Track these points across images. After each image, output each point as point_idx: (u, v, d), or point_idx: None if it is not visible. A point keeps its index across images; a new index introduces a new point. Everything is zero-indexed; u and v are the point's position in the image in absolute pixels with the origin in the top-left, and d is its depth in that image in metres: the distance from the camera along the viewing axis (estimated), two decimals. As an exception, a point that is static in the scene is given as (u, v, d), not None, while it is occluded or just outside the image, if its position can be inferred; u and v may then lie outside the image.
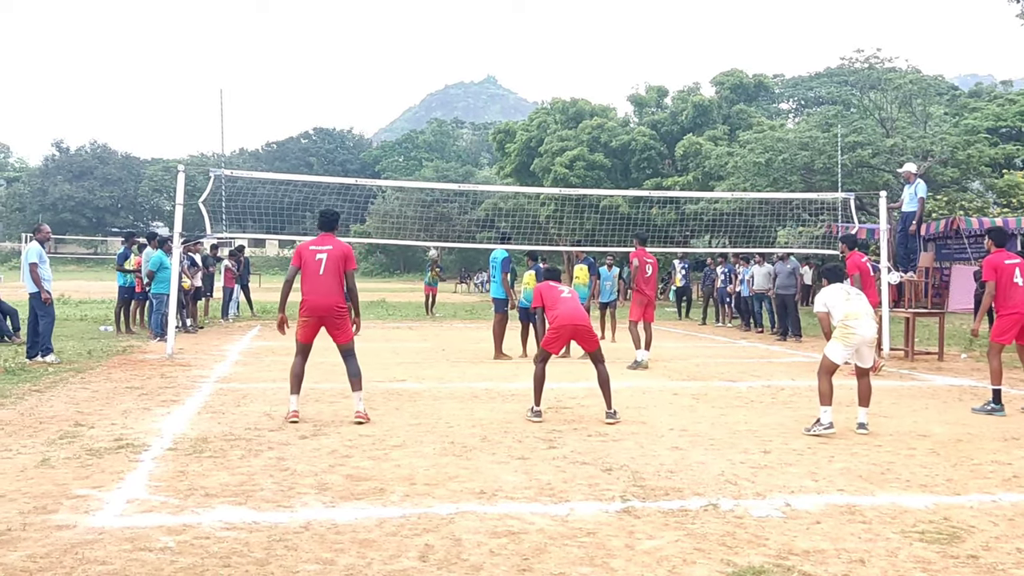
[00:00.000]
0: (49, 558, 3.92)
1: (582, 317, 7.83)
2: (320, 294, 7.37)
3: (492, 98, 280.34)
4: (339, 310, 7.42)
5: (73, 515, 4.56)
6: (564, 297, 7.93)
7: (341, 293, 7.44)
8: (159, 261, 14.67)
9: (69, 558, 3.92)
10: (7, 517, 4.49)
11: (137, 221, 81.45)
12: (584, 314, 7.98)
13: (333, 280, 7.39)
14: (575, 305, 7.88)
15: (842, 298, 7.39)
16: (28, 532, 4.27)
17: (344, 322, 7.47)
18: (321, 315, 7.39)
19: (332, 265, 7.39)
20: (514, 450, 6.33)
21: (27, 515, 4.53)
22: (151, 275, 14.68)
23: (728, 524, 4.56)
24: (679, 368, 11.80)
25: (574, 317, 7.75)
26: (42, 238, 11.99)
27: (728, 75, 37.92)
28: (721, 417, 7.91)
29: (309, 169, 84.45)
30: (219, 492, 5.05)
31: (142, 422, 7.19)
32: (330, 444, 6.45)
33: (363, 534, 4.34)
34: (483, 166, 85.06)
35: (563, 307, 7.81)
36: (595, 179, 34.31)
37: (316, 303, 7.38)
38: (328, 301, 7.37)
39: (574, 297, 8.00)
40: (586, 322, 7.85)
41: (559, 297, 7.92)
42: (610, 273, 16.61)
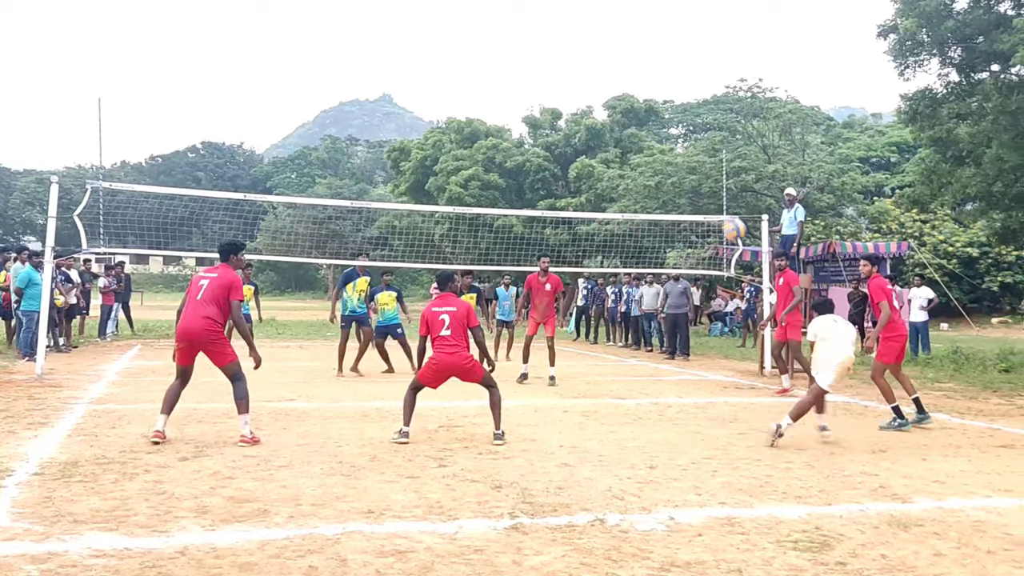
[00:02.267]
0: None
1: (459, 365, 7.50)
2: (189, 319, 7.23)
3: (388, 116, 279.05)
4: (208, 333, 7.19)
5: (-75, 545, 4.25)
6: (443, 336, 7.49)
7: (215, 318, 7.24)
8: (27, 277, 13.96)
9: (-82, 592, 3.66)
10: None
11: (8, 235, 77.26)
12: (463, 359, 7.52)
13: (207, 306, 7.22)
14: (453, 350, 7.48)
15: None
16: None
17: (217, 345, 7.27)
18: (190, 339, 7.22)
19: (211, 292, 7.25)
20: (404, 469, 6.26)
21: None
22: (19, 292, 13.95)
23: (614, 538, 4.62)
24: (570, 386, 11.93)
25: (451, 364, 7.49)
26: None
27: (620, 99, 38.82)
28: (610, 434, 8.02)
29: (197, 184, 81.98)
30: (89, 518, 4.80)
31: (6, 446, 6.78)
32: (212, 466, 6.23)
33: (244, 557, 4.19)
34: (378, 184, 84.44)
35: (440, 353, 7.50)
36: (490, 199, 34.53)
37: (184, 327, 7.26)
38: (196, 325, 7.17)
39: (454, 335, 7.50)
40: (464, 363, 7.51)
41: (439, 335, 7.51)
42: (507, 293, 16.70)
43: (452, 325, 7.49)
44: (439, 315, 7.55)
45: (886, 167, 38.59)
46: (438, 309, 7.59)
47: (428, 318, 7.59)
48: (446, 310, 7.56)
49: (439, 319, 7.53)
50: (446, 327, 7.48)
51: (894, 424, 8.62)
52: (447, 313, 7.53)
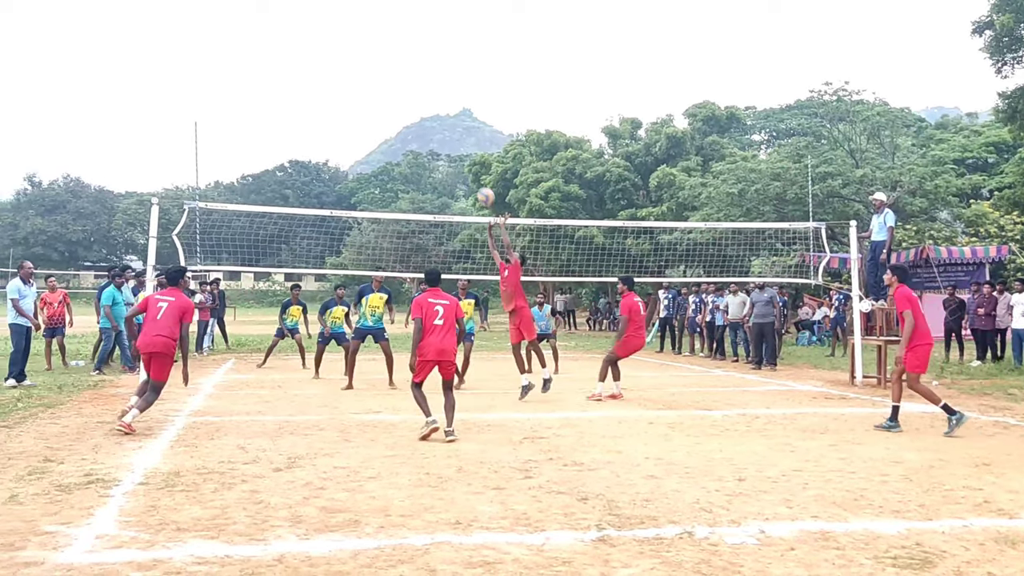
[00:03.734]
0: (16, 595, 3.85)
1: (447, 351, 8.26)
2: (149, 334, 8.54)
3: (468, 131, 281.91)
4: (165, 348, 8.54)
5: (41, 552, 4.49)
6: (436, 324, 8.22)
7: (172, 336, 8.56)
8: (111, 296, 14.64)
9: (37, 595, 3.86)
10: (-27, 554, 4.41)
11: (111, 255, 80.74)
12: (451, 346, 8.34)
13: (166, 324, 8.53)
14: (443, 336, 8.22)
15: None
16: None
17: (162, 361, 8.56)
18: (149, 352, 8.56)
19: (170, 313, 8.57)
20: (490, 480, 6.31)
21: (-6, 552, 4.46)
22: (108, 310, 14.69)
23: (703, 551, 4.57)
24: (654, 397, 11.83)
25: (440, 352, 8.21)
26: (24, 275, 13.09)
27: (701, 107, 38.43)
28: (696, 445, 7.93)
29: (285, 202, 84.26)
30: (191, 526, 4.99)
31: (113, 457, 7.10)
32: (304, 476, 6.40)
33: (337, 566, 4.30)
34: (459, 198, 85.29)
35: (432, 338, 8.19)
36: (570, 210, 34.52)
37: (143, 340, 8.60)
38: (156, 341, 8.52)
39: (447, 324, 8.25)
40: (450, 356, 8.32)
41: (432, 324, 8.21)
42: (542, 313, 16.57)
43: (445, 316, 8.29)
44: (434, 306, 8.31)
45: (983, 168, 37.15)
46: (434, 300, 8.37)
47: (424, 307, 8.29)
48: (440, 302, 8.36)
49: (434, 309, 8.29)
50: (440, 317, 8.26)
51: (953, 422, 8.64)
52: (441, 305, 8.34)
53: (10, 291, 12.84)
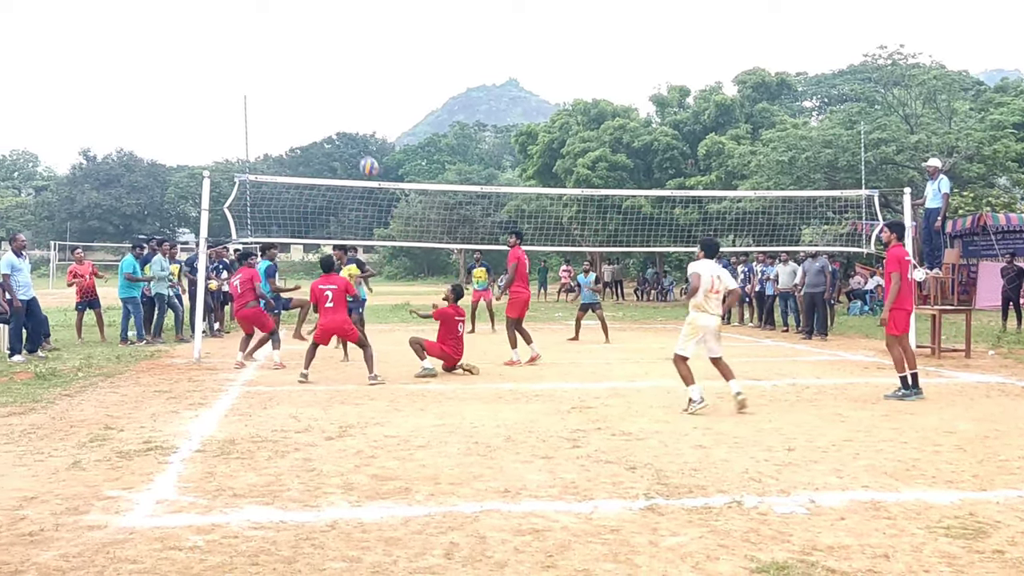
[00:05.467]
0: (81, 557, 4.00)
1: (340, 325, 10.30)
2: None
3: (514, 100, 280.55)
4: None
5: (104, 515, 4.65)
6: (327, 307, 10.09)
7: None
8: (131, 265, 14.79)
9: (101, 557, 4.00)
10: (40, 518, 4.58)
11: (164, 228, 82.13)
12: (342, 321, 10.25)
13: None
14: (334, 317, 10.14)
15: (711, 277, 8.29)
16: (61, 532, 4.36)
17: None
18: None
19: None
20: (538, 449, 6.36)
21: (59, 516, 4.63)
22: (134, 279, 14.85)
23: (752, 521, 4.57)
24: (702, 367, 11.74)
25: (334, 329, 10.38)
26: (16, 247, 12.63)
27: (750, 74, 37.68)
28: (744, 415, 7.89)
29: (333, 174, 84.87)
30: (247, 492, 5.12)
31: (170, 425, 7.30)
32: (356, 445, 6.51)
33: (389, 532, 4.39)
34: (505, 168, 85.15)
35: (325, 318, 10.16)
36: (617, 180, 34.23)
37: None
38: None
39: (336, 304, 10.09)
40: (343, 326, 10.31)
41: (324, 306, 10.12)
42: (587, 279, 16.57)
43: (335, 298, 10.10)
44: (324, 291, 10.13)
45: (1045, 132, 35.95)
46: (324, 286, 10.18)
47: (316, 293, 10.20)
48: (330, 287, 10.15)
49: (324, 294, 10.12)
50: (329, 300, 10.08)
51: (898, 394, 8.77)
52: (330, 290, 10.12)
53: (2, 266, 12.04)
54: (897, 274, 8.97)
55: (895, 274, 8.99)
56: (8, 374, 10.43)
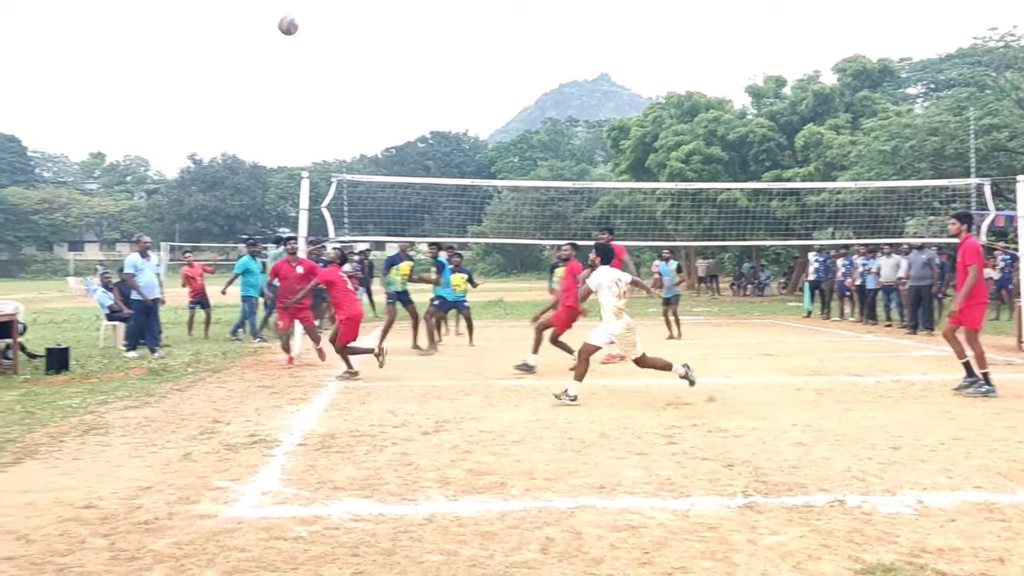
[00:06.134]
0: (193, 545, 4.18)
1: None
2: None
3: (606, 95, 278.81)
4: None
5: (214, 505, 4.84)
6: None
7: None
8: (245, 265, 15.27)
9: (211, 545, 4.17)
10: (155, 507, 4.80)
11: (265, 227, 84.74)
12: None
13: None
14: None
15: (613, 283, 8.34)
16: (174, 521, 4.56)
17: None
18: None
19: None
20: (633, 446, 6.32)
21: (172, 505, 4.84)
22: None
23: (855, 520, 4.44)
24: (801, 363, 11.48)
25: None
26: (141, 248, 13.10)
27: (850, 61, 36.46)
28: (847, 412, 7.67)
29: (427, 172, 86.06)
30: (346, 485, 5.25)
31: (274, 419, 7.54)
32: (451, 440, 6.60)
33: (485, 526, 4.43)
34: (598, 164, 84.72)
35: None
36: (712, 173, 33.65)
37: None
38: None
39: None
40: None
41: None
42: (668, 267, 16.13)
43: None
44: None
45: None
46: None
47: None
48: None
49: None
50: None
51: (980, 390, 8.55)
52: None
53: (127, 266, 12.85)
54: (975, 266, 8.59)
55: (972, 266, 8.60)
56: (123, 369, 10.95)
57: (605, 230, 12.37)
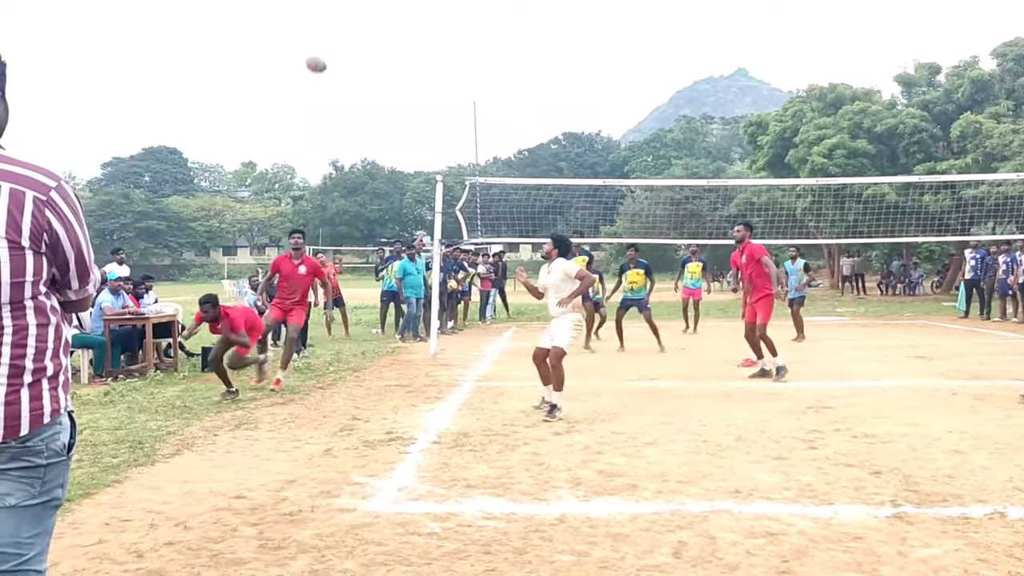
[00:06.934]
0: (334, 537, 4.30)
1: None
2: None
3: (743, 91, 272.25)
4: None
5: (353, 500, 4.97)
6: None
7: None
8: (404, 268, 15.69)
9: (350, 538, 4.29)
10: (299, 499, 4.98)
11: (402, 231, 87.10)
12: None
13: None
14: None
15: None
16: (316, 513, 4.71)
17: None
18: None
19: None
20: (770, 450, 6.10)
21: (315, 498, 5.01)
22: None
23: (1017, 534, 4.12)
24: (957, 366, 10.81)
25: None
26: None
27: (1012, 45, 34.09)
28: (1008, 419, 7.15)
29: (559, 173, 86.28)
30: (479, 484, 5.29)
31: (410, 417, 7.70)
32: (583, 440, 6.55)
33: (616, 528, 4.37)
34: (734, 161, 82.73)
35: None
36: (857, 167, 32.18)
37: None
38: None
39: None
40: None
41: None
42: (794, 266, 15.37)
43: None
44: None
45: None
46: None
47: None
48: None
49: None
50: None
51: None
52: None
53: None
54: None
55: None
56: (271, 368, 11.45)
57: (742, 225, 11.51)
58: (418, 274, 15.74)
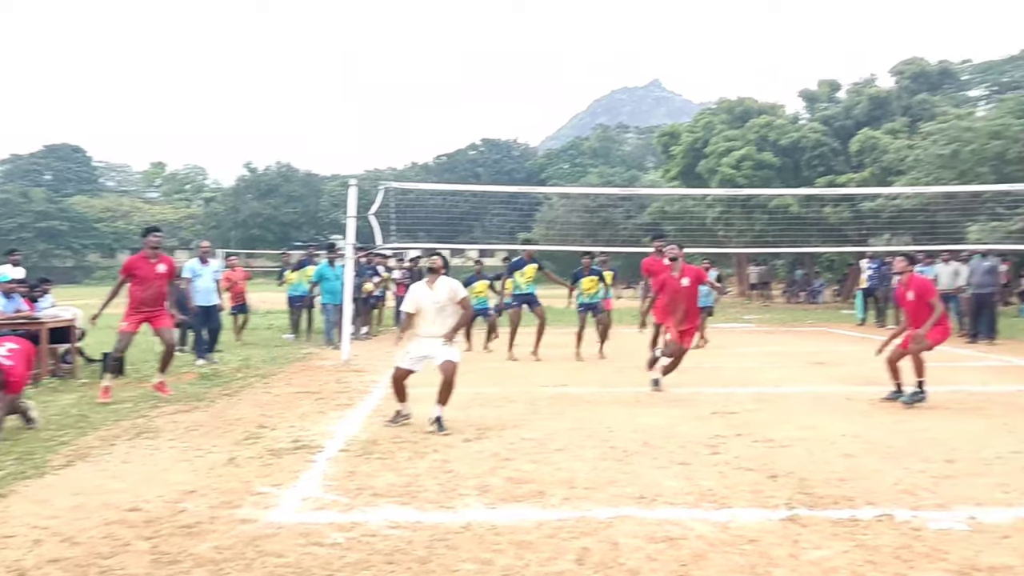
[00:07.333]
0: (232, 550, 4.21)
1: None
2: None
3: (657, 101, 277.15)
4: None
5: (255, 510, 4.88)
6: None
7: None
8: (320, 273, 15.50)
9: (250, 550, 4.20)
10: (198, 511, 4.86)
11: (318, 235, 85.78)
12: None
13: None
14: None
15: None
16: (215, 525, 4.60)
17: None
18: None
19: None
20: (675, 455, 6.23)
21: (215, 509, 4.89)
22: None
23: (904, 536, 4.31)
24: (854, 372, 11.23)
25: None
26: (202, 254, 13.27)
27: (908, 64, 35.69)
28: (900, 423, 7.47)
29: (477, 180, 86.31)
30: (386, 492, 5.26)
31: (318, 425, 7.59)
32: (493, 447, 6.57)
33: (521, 536, 4.39)
34: (648, 170, 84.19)
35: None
36: (763, 179, 33.18)
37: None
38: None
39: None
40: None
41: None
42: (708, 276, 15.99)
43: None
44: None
45: None
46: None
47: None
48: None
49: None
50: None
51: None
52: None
53: (185, 271, 12.56)
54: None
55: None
56: (176, 374, 11.13)
57: (656, 236, 11.99)
58: (336, 280, 15.48)
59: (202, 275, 12.93)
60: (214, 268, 13.47)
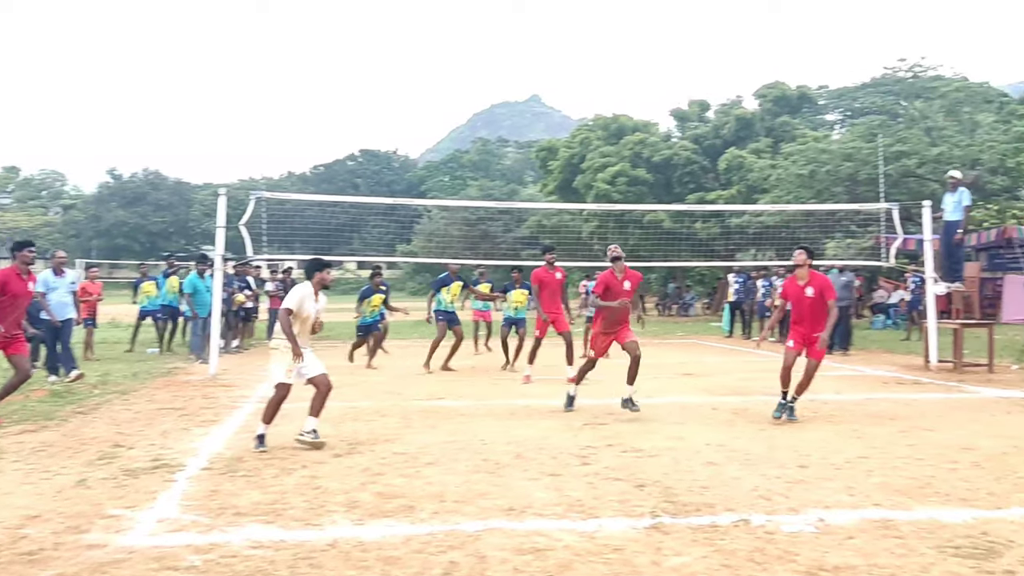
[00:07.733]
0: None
1: None
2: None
3: (537, 116, 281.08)
4: None
5: (105, 535, 4.63)
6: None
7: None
8: (192, 284, 14.97)
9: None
10: (40, 537, 4.58)
11: (188, 245, 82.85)
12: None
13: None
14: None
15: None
16: (59, 552, 4.35)
17: None
18: None
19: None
20: (547, 467, 6.29)
21: (60, 535, 4.62)
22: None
23: (758, 540, 4.48)
24: (720, 383, 11.65)
25: None
26: (55, 265, 12.13)
27: (771, 87, 37.52)
28: (760, 432, 7.79)
29: (356, 191, 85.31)
30: (250, 511, 5.09)
31: (180, 442, 7.30)
32: (363, 462, 6.47)
33: (389, 551, 4.34)
34: (527, 184, 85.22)
35: None
36: (637, 195, 34.12)
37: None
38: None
39: None
40: None
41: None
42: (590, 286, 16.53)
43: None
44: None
45: (1072, 144, 35.34)
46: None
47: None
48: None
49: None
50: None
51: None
52: None
53: (38, 284, 10.86)
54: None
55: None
56: (24, 392, 10.47)
57: (546, 250, 12.08)
58: (207, 291, 14.95)
59: (57, 288, 11.94)
60: (70, 279, 12.64)
